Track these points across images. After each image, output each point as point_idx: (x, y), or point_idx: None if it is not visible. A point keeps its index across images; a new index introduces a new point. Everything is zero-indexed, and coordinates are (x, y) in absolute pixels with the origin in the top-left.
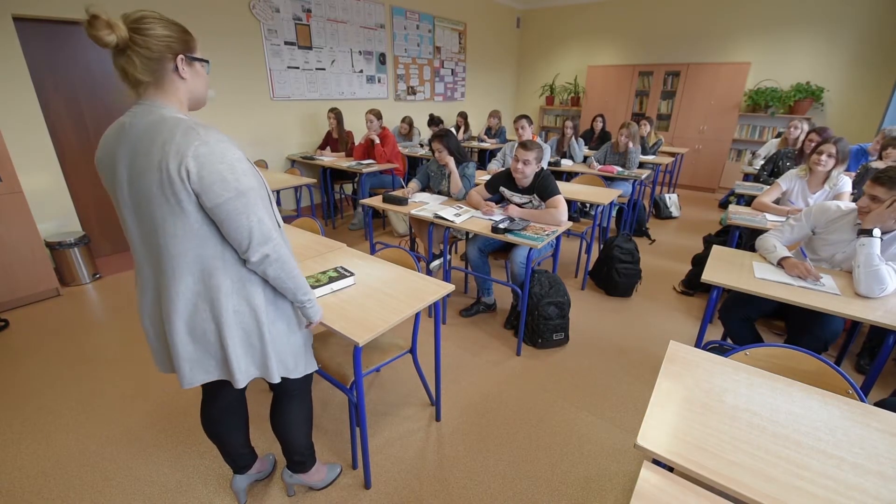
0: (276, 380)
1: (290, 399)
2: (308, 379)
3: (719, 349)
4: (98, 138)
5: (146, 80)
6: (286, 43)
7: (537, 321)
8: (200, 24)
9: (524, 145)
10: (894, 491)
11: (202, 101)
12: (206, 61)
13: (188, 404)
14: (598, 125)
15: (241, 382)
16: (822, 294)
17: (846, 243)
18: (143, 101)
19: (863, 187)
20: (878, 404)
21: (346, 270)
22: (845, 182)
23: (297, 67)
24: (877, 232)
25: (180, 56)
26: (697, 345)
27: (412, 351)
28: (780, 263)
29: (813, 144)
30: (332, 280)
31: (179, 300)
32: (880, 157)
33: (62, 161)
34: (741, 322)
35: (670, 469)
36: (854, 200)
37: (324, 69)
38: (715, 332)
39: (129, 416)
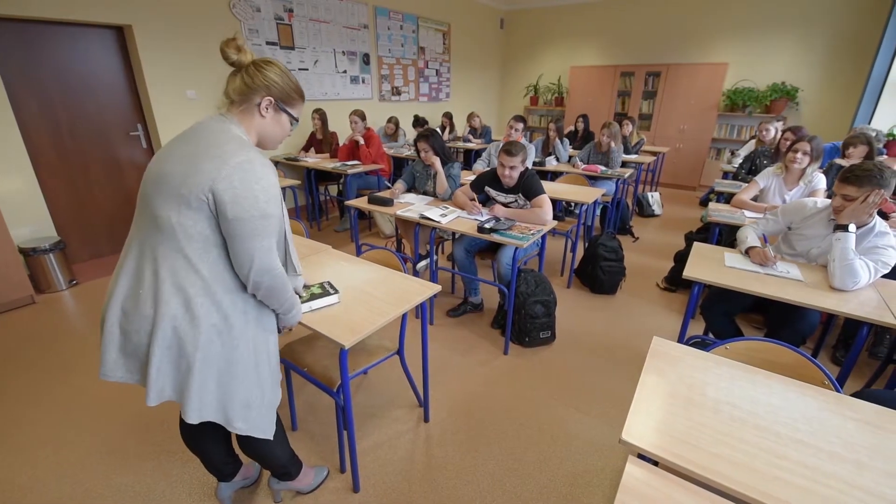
0: (191, 419)
1: None
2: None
3: (701, 344)
4: (74, 140)
5: (234, 99)
6: (268, 43)
7: (524, 320)
8: (179, 24)
9: (508, 151)
10: (869, 478)
11: (270, 145)
12: (295, 119)
13: (170, 413)
14: (581, 125)
15: (152, 400)
16: (798, 288)
17: (821, 238)
18: (223, 113)
19: (832, 188)
20: (855, 395)
21: (332, 287)
22: (820, 179)
23: None
24: (852, 227)
25: (269, 98)
26: (680, 340)
27: (399, 352)
28: (747, 252)
29: (788, 143)
30: (313, 297)
31: (131, 295)
32: (843, 156)
33: (36, 164)
34: (722, 317)
35: (655, 463)
36: (828, 196)
37: (307, 69)
38: (697, 327)
39: (110, 426)
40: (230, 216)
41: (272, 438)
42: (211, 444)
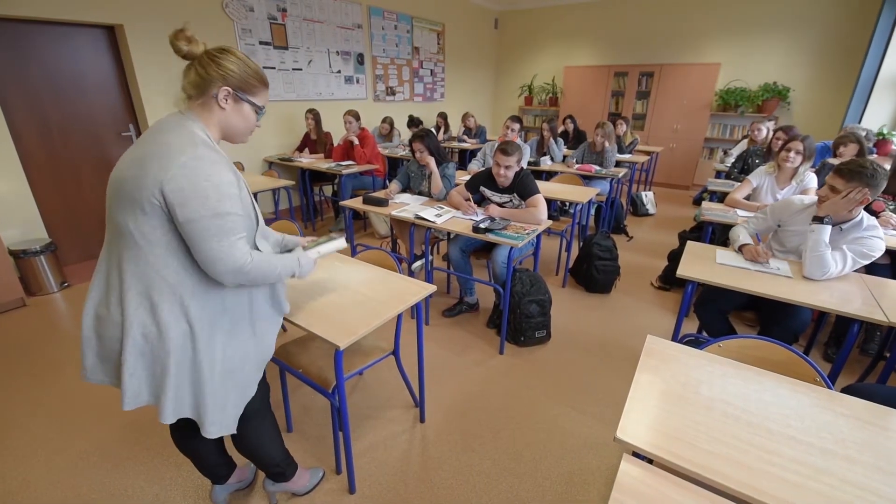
0: (167, 420)
1: (246, 423)
2: (263, 396)
3: (695, 342)
4: (64, 141)
5: (190, 94)
6: (261, 43)
7: (519, 319)
8: (170, 23)
9: (504, 150)
10: (860, 474)
11: (237, 138)
12: (260, 108)
13: None
14: (570, 126)
15: (127, 404)
16: (789, 285)
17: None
18: (182, 109)
19: (824, 178)
20: (845, 390)
21: (335, 234)
22: (811, 178)
23: (273, 68)
24: (828, 220)
25: (226, 88)
26: (674, 338)
27: (395, 353)
28: (740, 249)
29: (780, 143)
30: (318, 244)
31: (101, 301)
32: (834, 155)
33: (26, 165)
34: (715, 315)
35: (650, 461)
36: None
37: (301, 69)
38: (690, 326)
39: (102, 430)
40: (181, 219)
41: (235, 432)
42: (203, 445)
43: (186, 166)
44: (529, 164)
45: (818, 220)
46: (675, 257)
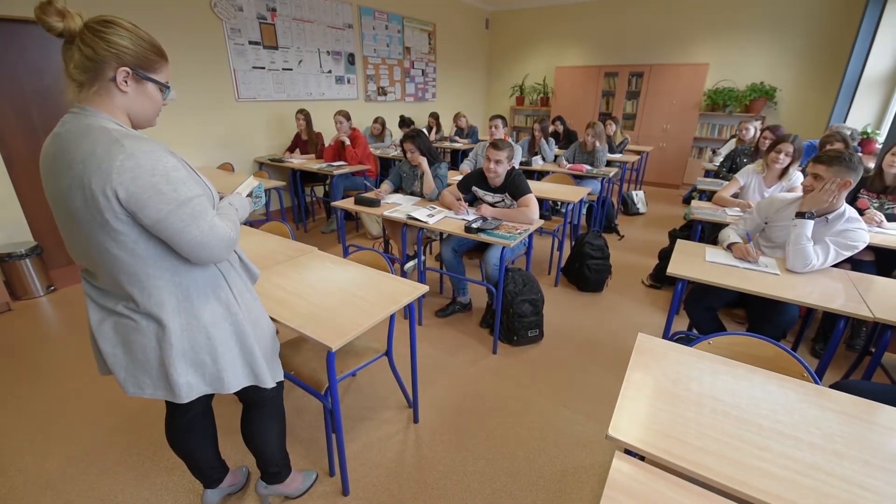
0: (232, 389)
1: (261, 410)
2: (280, 387)
3: (685, 339)
4: None
5: (81, 80)
6: (251, 42)
7: (512, 319)
8: (158, 22)
9: (495, 145)
10: (847, 467)
11: (146, 122)
12: (165, 86)
13: (153, 418)
14: (559, 127)
15: (184, 398)
16: (776, 282)
17: None
18: (75, 109)
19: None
20: (833, 387)
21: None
22: (798, 177)
23: (263, 68)
24: (809, 215)
25: (124, 69)
26: (665, 336)
27: (388, 354)
28: (729, 247)
29: (768, 142)
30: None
31: (119, 317)
32: None
33: (10, 168)
34: (705, 312)
35: (642, 458)
36: None
37: (291, 69)
38: (681, 323)
39: (91, 434)
40: (148, 223)
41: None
42: (200, 445)
43: (125, 170)
44: (521, 164)
45: (801, 215)
46: (665, 255)
